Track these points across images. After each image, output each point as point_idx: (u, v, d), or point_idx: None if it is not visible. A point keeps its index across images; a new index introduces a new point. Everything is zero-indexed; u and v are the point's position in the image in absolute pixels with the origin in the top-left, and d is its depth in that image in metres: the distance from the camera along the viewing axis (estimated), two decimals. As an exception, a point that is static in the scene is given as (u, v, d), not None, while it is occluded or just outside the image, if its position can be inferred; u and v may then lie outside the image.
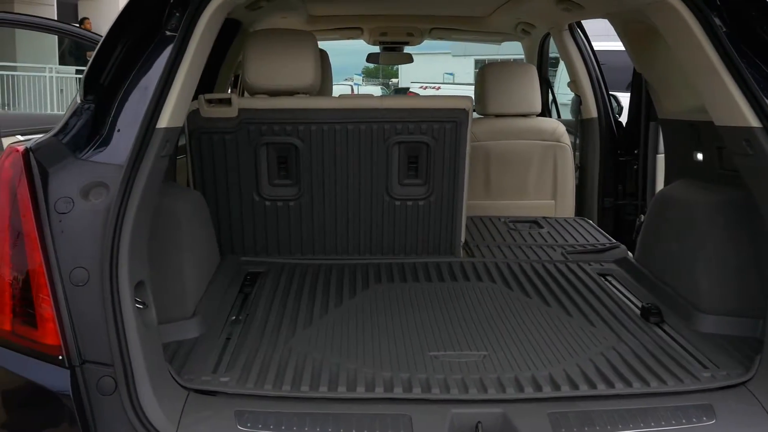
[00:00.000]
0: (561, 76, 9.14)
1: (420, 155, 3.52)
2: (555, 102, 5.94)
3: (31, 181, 2.17)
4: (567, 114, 5.92)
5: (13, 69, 16.93)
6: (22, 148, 2.21)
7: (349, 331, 2.74)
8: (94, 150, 2.30)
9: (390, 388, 2.29)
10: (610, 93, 4.92)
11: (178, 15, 2.43)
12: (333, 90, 5.35)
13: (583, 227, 4.24)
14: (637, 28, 3.53)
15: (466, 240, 3.83)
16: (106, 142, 2.31)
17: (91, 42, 5.28)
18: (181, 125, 2.58)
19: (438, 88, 22.30)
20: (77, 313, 2.10)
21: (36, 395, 2.13)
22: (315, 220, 3.56)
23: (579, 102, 4.91)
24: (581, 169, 4.92)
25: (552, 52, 5.68)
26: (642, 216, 4.34)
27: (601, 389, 2.30)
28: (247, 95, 3.69)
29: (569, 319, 2.88)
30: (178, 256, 2.78)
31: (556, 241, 3.97)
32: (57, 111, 17.77)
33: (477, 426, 2.12)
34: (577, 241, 3.97)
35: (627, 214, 4.71)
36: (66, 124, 2.34)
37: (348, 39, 6.13)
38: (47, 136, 2.33)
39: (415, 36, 5.86)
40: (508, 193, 4.66)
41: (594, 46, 4.98)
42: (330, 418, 2.15)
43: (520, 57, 6.33)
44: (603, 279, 3.38)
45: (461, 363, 2.48)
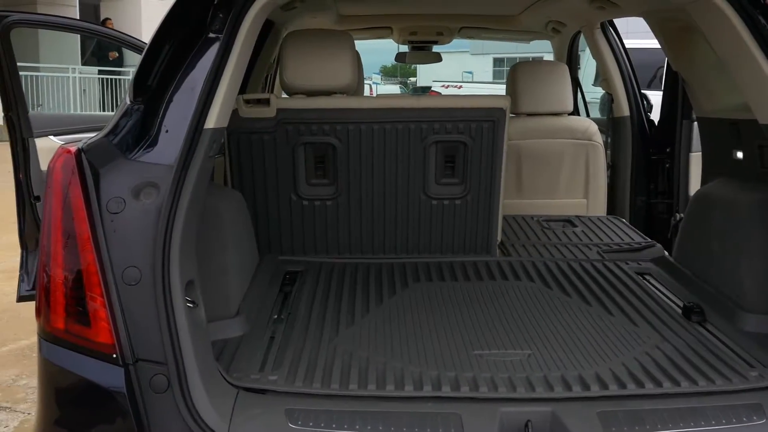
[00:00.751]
0: (584, 73, 9.13)
1: (457, 154, 3.52)
2: (584, 100, 5.93)
3: (84, 182, 2.19)
4: (595, 112, 5.90)
5: (37, 70, 17.08)
6: (74, 149, 2.23)
7: (392, 330, 2.75)
8: (143, 150, 2.32)
9: (438, 386, 2.30)
10: (641, 91, 4.91)
11: (222, 16, 2.45)
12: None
13: (617, 226, 4.23)
14: (674, 26, 3.51)
15: (501, 239, 3.83)
16: (155, 142, 2.33)
17: (114, 40, 5.30)
18: (226, 125, 2.61)
19: (460, 86, 22.26)
20: (130, 312, 2.12)
21: (90, 392, 2.15)
22: (352, 219, 3.58)
23: (611, 100, 4.89)
24: (613, 168, 4.91)
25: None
26: (677, 215, 4.32)
27: (649, 388, 2.29)
28: (284, 95, 3.71)
29: (611, 318, 2.87)
30: (222, 255, 2.80)
31: (591, 240, 3.96)
32: (80, 111, 17.94)
33: (527, 424, 2.13)
34: (612, 240, 3.96)
35: (659, 212, 4.69)
36: (116, 125, 2.37)
37: (377, 38, 6.14)
38: (98, 136, 2.35)
39: (445, 35, 5.87)
40: (540, 192, 4.65)
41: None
42: (380, 416, 2.16)
43: (539, 55, 6.32)
44: (641, 278, 3.37)
45: (506, 362, 2.48)
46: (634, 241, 3.93)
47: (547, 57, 6.38)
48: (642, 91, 4.95)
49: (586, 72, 9.74)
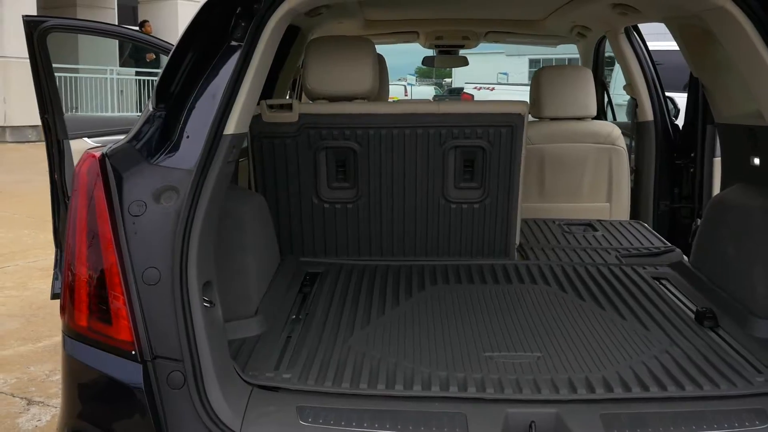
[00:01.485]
0: (617, 77, 9.08)
1: (476, 159, 3.58)
2: (611, 104, 5.93)
3: (107, 185, 2.29)
4: (622, 116, 5.90)
5: (76, 71, 17.41)
6: (98, 154, 2.33)
7: (406, 331, 2.82)
8: (165, 155, 2.41)
9: (446, 386, 2.36)
10: (666, 95, 4.91)
11: (243, 25, 2.53)
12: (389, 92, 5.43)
13: (638, 230, 4.24)
14: (693, 31, 3.54)
15: (520, 242, 3.88)
16: (176, 148, 2.42)
17: (146, 44, 5.44)
18: (246, 131, 2.69)
19: (492, 88, 22.23)
20: (149, 311, 2.21)
21: (110, 388, 2.25)
22: (372, 222, 3.65)
23: (635, 105, 4.90)
24: (637, 172, 4.92)
25: (607, 52, 5.67)
26: (699, 220, 4.33)
27: (654, 392, 2.33)
28: (307, 100, 3.79)
29: (623, 322, 2.91)
30: (242, 257, 2.89)
31: (610, 244, 3.99)
32: (118, 112, 18.25)
33: (531, 425, 2.18)
34: (632, 245, 3.99)
35: (683, 217, 4.70)
36: (139, 130, 2.47)
37: (404, 42, 6.20)
38: (122, 142, 2.45)
39: (471, 39, 5.92)
40: (562, 196, 4.68)
41: (650, 45, 4.97)
42: (387, 414, 2.23)
43: (575, 57, 6.33)
44: (658, 283, 3.40)
45: (515, 364, 2.53)
46: (653, 246, 3.95)
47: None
48: (669, 95, 4.95)
49: (619, 76, 9.69)
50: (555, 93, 4.60)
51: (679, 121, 4.89)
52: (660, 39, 6.55)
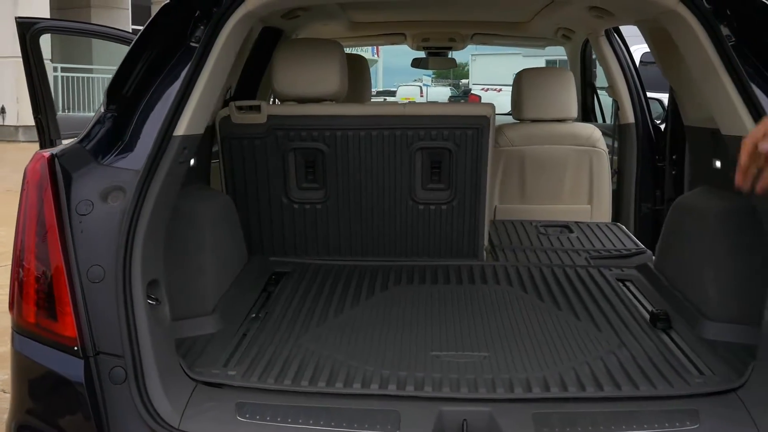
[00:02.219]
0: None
1: (443, 161, 3.61)
2: (600, 105, 5.94)
3: (55, 185, 2.35)
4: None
5: (90, 72, 17.60)
6: (48, 153, 2.39)
7: (360, 331, 2.86)
8: (115, 156, 2.47)
9: (385, 385, 2.40)
10: (655, 97, 4.91)
11: (202, 27, 2.59)
12: (397, 92, 5.46)
13: (614, 232, 4.25)
14: (661, 35, 3.54)
15: (492, 243, 3.90)
16: (126, 148, 2.48)
17: None
18: (202, 132, 2.74)
19: (499, 90, 22.18)
20: (93, 308, 2.26)
21: (56, 383, 2.30)
22: (341, 222, 3.69)
23: (616, 107, 4.91)
24: (618, 174, 4.92)
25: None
26: None
27: (590, 392, 2.35)
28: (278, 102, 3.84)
29: (577, 324, 2.93)
30: (199, 255, 2.94)
31: (583, 246, 4.00)
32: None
33: (463, 423, 2.21)
34: (605, 246, 4.00)
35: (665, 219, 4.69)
36: (90, 131, 2.53)
37: (392, 44, 6.25)
38: (73, 142, 2.51)
39: (457, 41, 5.94)
40: (543, 198, 4.70)
41: (641, 47, 4.97)
42: (324, 412, 2.27)
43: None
44: (621, 284, 3.41)
45: (460, 363, 2.56)
46: (625, 248, 3.96)
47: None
48: (658, 96, 4.94)
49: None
50: (536, 95, 4.61)
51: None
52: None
